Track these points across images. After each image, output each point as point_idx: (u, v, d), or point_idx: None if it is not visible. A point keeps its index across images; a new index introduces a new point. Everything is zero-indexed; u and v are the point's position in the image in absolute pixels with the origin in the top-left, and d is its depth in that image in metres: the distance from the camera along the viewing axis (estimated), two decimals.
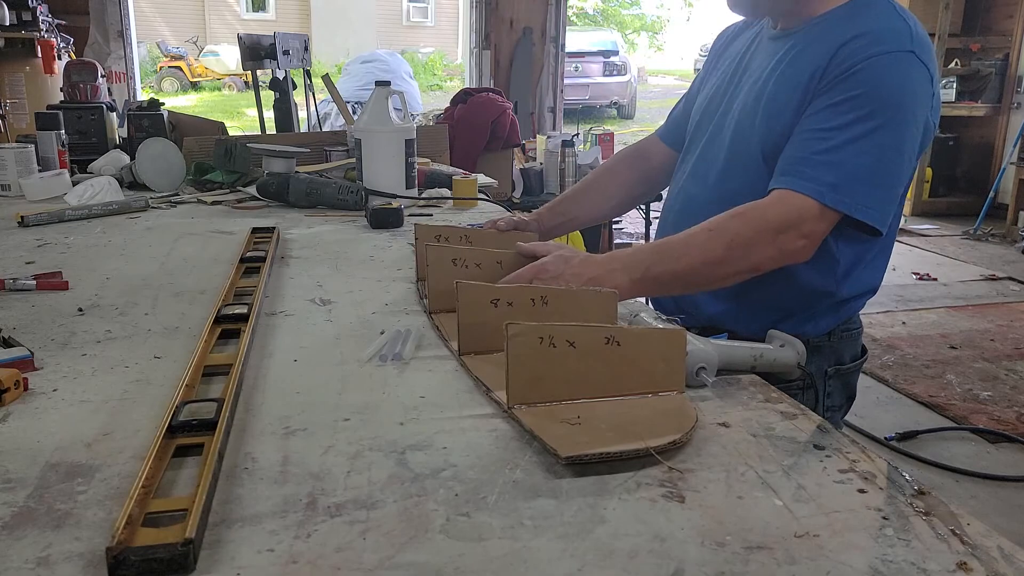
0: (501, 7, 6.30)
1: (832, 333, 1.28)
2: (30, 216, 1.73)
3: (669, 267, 1.11)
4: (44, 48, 4.80)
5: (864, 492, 0.70)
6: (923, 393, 3.38)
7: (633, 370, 0.85)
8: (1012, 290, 4.98)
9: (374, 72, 8.89)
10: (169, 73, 16.93)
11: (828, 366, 1.28)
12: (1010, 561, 0.60)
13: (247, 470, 0.73)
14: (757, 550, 0.62)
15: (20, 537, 0.62)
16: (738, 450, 0.78)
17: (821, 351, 1.26)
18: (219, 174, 2.21)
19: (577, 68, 12.76)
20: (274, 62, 3.80)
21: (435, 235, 1.29)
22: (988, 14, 7.09)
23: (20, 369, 0.90)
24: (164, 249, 1.55)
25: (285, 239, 1.64)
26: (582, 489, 0.70)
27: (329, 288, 1.30)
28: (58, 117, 2.25)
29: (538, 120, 6.39)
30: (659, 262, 1.11)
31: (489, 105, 4.33)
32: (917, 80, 1.10)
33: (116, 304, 1.21)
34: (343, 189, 1.92)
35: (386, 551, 0.61)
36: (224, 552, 0.61)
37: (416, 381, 0.93)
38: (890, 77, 1.08)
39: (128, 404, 0.86)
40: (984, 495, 2.64)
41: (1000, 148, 6.88)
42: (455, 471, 0.73)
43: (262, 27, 12.74)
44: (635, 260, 1.11)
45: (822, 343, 1.27)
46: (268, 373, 0.95)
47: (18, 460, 0.74)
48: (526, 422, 0.79)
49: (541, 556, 0.61)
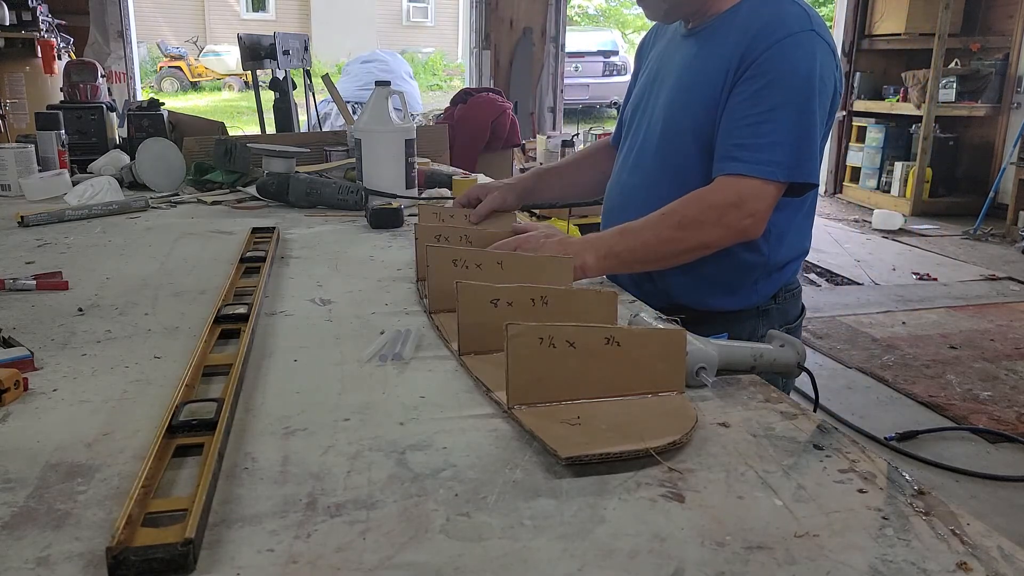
0: (501, 7, 6.31)
1: (777, 296, 1.41)
2: (30, 216, 1.73)
3: (628, 245, 1.25)
4: (44, 48, 4.81)
5: (864, 492, 0.70)
6: (923, 393, 3.38)
7: (633, 370, 0.85)
8: (1012, 290, 4.98)
9: (374, 72, 8.89)
10: (169, 73, 16.93)
11: (778, 327, 1.41)
12: (1010, 561, 0.60)
13: (247, 470, 0.73)
14: (757, 550, 0.62)
15: (20, 537, 0.62)
16: (738, 450, 0.78)
17: (770, 314, 1.41)
18: (219, 174, 2.21)
19: (577, 68, 12.76)
20: (274, 62, 3.80)
21: (435, 235, 1.30)
22: (988, 14, 7.09)
23: (20, 369, 0.90)
24: (164, 249, 1.55)
25: (285, 239, 1.64)
26: (582, 489, 0.70)
27: (329, 288, 1.30)
28: (58, 117, 2.24)
29: (538, 120, 6.39)
30: (620, 242, 1.26)
31: (489, 105, 4.33)
32: (821, 54, 1.23)
33: (116, 304, 1.21)
34: (343, 189, 1.92)
35: (386, 551, 0.61)
36: (224, 552, 0.61)
37: (416, 381, 0.93)
38: (797, 57, 1.22)
39: (128, 404, 0.86)
40: (984, 495, 2.64)
41: (1000, 148, 6.88)
42: (455, 471, 0.73)
43: (262, 27, 12.72)
44: (601, 240, 1.27)
45: (770, 307, 1.41)
46: (268, 373, 0.95)
47: (18, 460, 0.74)
48: (526, 422, 0.79)
49: (541, 556, 0.61)
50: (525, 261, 1.14)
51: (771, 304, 1.41)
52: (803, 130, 1.22)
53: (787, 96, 1.21)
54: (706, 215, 1.23)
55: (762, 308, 1.40)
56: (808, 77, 1.21)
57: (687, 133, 1.32)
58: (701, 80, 1.30)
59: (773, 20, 1.24)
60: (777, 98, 1.21)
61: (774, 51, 1.21)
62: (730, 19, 1.30)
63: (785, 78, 1.21)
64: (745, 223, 1.22)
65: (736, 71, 1.24)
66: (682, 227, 1.23)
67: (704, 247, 1.25)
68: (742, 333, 1.37)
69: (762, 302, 1.40)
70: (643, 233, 1.25)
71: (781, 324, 1.41)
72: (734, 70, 1.25)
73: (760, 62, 1.22)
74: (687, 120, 1.32)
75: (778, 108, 1.21)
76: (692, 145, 1.31)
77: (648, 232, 1.24)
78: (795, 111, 1.21)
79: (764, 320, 1.39)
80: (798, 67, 1.21)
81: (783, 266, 1.39)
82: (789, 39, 1.21)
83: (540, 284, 1.01)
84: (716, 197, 1.23)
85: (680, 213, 1.24)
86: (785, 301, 1.42)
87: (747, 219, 1.22)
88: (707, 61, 1.30)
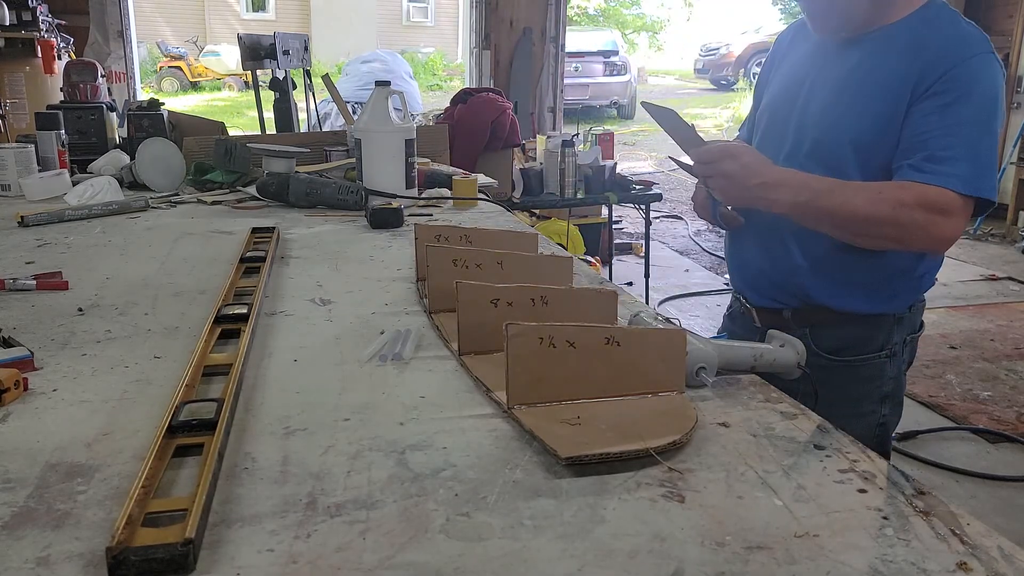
0: (501, 7, 6.30)
1: (913, 306, 1.41)
2: (30, 216, 1.73)
3: (831, 205, 1.22)
4: (44, 48, 4.81)
5: (864, 492, 0.70)
6: (923, 393, 3.38)
7: (633, 370, 0.85)
8: (1012, 290, 4.98)
9: (374, 72, 8.88)
10: (169, 73, 16.92)
11: (908, 335, 1.42)
12: (1010, 561, 0.60)
13: (247, 470, 0.73)
14: (757, 550, 0.62)
15: (20, 537, 0.62)
16: (738, 450, 0.78)
17: (903, 322, 1.40)
18: (219, 174, 2.21)
19: (577, 68, 12.75)
20: (274, 62, 3.80)
21: (435, 235, 1.30)
22: (988, 14, 7.08)
23: (20, 369, 0.90)
24: (164, 249, 1.55)
25: (285, 239, 1.64)
26: (582, 489, 0.70)
27: (329, 288, 1.30)
28: (58, 117, 2.24)
29: (538, 120, 6.39)
30: (825, 197, 1.23)
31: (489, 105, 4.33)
32: (999, 76, 1.24)
33: (116, 304, 1.21)
34: (343, 189, 1.92)
35: (386, 551, 0.61)
36: (224, 552, 0.61)
37: (416, 381, 0.93)
38: (984, 76, 1.22)
39: (128, 404, 0.86)
40: (984, 495, 2.64)
41: (1000, 148, 6.88)
42: (455, 471, 0.73)
43: (262, 27, 12.73)
44: (806, 185, 1.24)
45: (904, 315, 1.40)
46: (268, 373, 0.95)
47: (18, 460, 0.74)
48: (526, 422, 0.79)
49: (541, 556, 0.61)
50: (525, 261, 1.14)
51: (906, 313, 1.39)
52: (990, 149, 1.22)
53: (978, 115, 1.21)
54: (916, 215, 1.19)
55: (898, 316, 1.38)
56: (995, 98, 1.22)
57: (847, 144, 1.29)
58: (868, 91, 1.28)
59: (958, 37, 1.24)
60: (967, 115, 1.21)
61: (961, 69, 1.21)
62: (899, 32, 1.28)
63: (974, 97, 1.21)
64: (947, 234, 1.21)
65: (917, 85, 1.23)
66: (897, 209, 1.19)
67: (898, 242, 1.24)
68: (877, 338, 1.38)
69: (899, 310, 1.38)
70: (854, 201, 1.21)
71: (909, 333, 1.41)
72: (913, 84, 1.23)
73: (947, 79, 1.21)
74: (849, 131, 1.29)
75: (968, 124, 1.20)
76: (852, 156, 1.29)
77: (861, 202, 1.21)
78: (985, 130, 1.21)
79: (899, 328, 1.39)
80: (987, 87, 1.22)
81: (923, 275, 1.38)
82: (976, 59, 1.22)
83: (540, 284, 1.01)
84: (933, 193, 1.19)
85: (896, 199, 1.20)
86: (917, 311, 1.42)
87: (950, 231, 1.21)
88: (874, 73, 1.28)
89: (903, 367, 1.43)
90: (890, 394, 1.42)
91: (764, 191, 1.26)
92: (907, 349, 1.43)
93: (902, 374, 1.44)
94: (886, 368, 1.40)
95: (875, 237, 1.24)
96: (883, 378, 1.40)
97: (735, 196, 1.31)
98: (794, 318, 1.41)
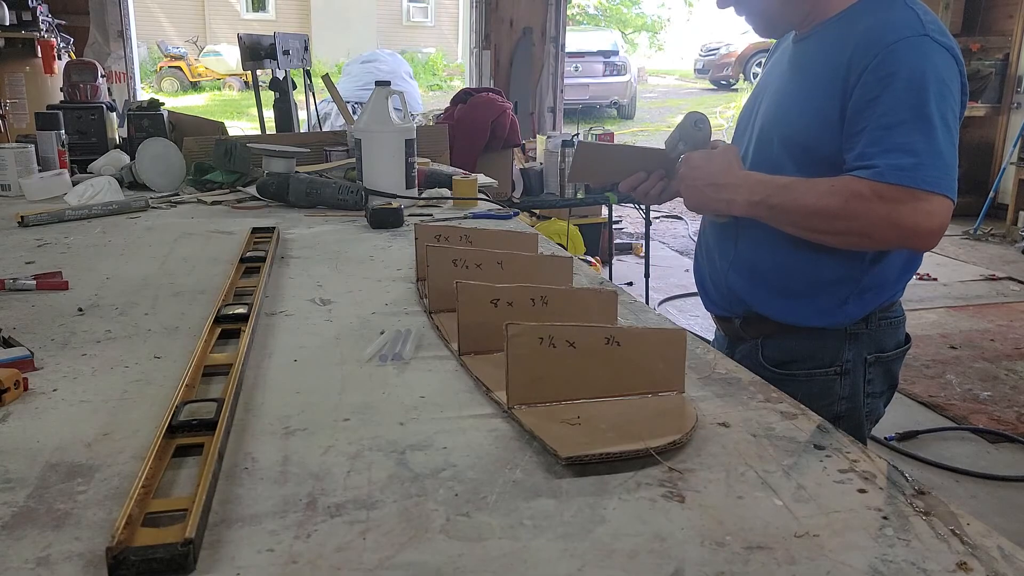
0: (501, 7, 6.30)
1: (869, 320, 1.31)
2: (30, 216, 1.73)
3: (786, 202, 1.19)
4: (44, 48, 4.80)
5: (864, 492, 0.70)
6: (923, 393, 3.38)
7: (633, 370, 0.85)
8: (1012, 290, 4.98)
9: (374, 72, 8.87)
10: (169, 73, 16.92)
11: (868, 353, 1.32)
12: (1010, 561, 0.60)
13: (247, 470, 0.73)
14: (757, 550, 0.62)
15: (20, 537, 0.62)
16: (738, 450, 0.78)
17: (859, 338, 1.31)
18: (219, 174, 2.21)
19: (577, 68, 12.74)
20: (274, 62, 3.80)
21: (435, 235, 1.29)
22: (988, 14, 7.08)
23: (20, 369, 0.90)
24: (164, 249, 1.55)
25: (285, 239, 1.64)
26: (582, 489, 0.70)
27: (329, 288, 1.30)
28: (58, 117, 2.24)
29: (538, 120, 6.39)
30: (780, 194, 1.20)
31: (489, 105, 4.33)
32: (933, 55, 1.15)
33: (116, 304, 1.21)
34: (343, 189, 1.92)
35: (386, 551, 0.61)
36: (224, 552, 0.61)
37: (416, 381, 0.93)
38: (908, 60, 1.14)
39: (128, 404, 0.86)
40: (984, 495, 2.64)
41: (1000, 148, 6.88)
42: (455, 471, 0.73)
43: (262, 27, 12.72)
44: (761, 185, 1.22)
45: (859, 331, 1.31)
46: (268, 373, 0.95)
47: (18, 460, 0.74)
48: (526, 422, 0.79)
49: (541, 556, 0.61)
50: (525, 261, 1.14)
51: (860, 327, 1.30)
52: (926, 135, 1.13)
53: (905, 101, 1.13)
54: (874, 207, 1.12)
55: (851, 331, 1.30)
56: (922, 80, 1.13)
57: (775, 142, 1.27)
58: (805, 88, 1.25)
59: (883, 23, 1.18)
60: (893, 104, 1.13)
61: (884, 56, 1.14)
62: (837, 24, 1.25)
63: (898, 83, 1.13)
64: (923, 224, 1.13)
65: (847, 78, 1.17)
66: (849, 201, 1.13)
67: (864, 236, 1.15)
68: (822, 354, 1.31)
69: (846, 323, 1.29)
70: (807, 196, 1.17)
71: (873, 351, 1.32)
72: (843, 77, 1.18)
73: (871, 70, 1.15)
74: (778, 129, 1.28)
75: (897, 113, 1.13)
76: (783, 152, 1.26)
77: (812, 198, 1.16)
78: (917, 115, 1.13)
79: (852, 344, 1.30)
80: (913, 71, 1.13)
81: (874, 288, 1.28)
82: (900, 43, 1.14)
83: (540, 284, 1.01)
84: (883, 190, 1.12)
85: (849, 191, 1.14)
86: (878, 328, 1.31)
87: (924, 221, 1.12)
88: (812, 68, 1.25)
89: (865, 389, 1.33)
90: (843, 416, 1.32)
91: (716, 192, 1.23)
92: (873, 371, 1.33)
93: (862, 396, 1.33)
94: (835, 387, 1.32)
95: (835, 233, 1.17)
96: (833, 397, 1.32)
97: (692, 200, 1.28)
98: (743, 327, 1.38)
